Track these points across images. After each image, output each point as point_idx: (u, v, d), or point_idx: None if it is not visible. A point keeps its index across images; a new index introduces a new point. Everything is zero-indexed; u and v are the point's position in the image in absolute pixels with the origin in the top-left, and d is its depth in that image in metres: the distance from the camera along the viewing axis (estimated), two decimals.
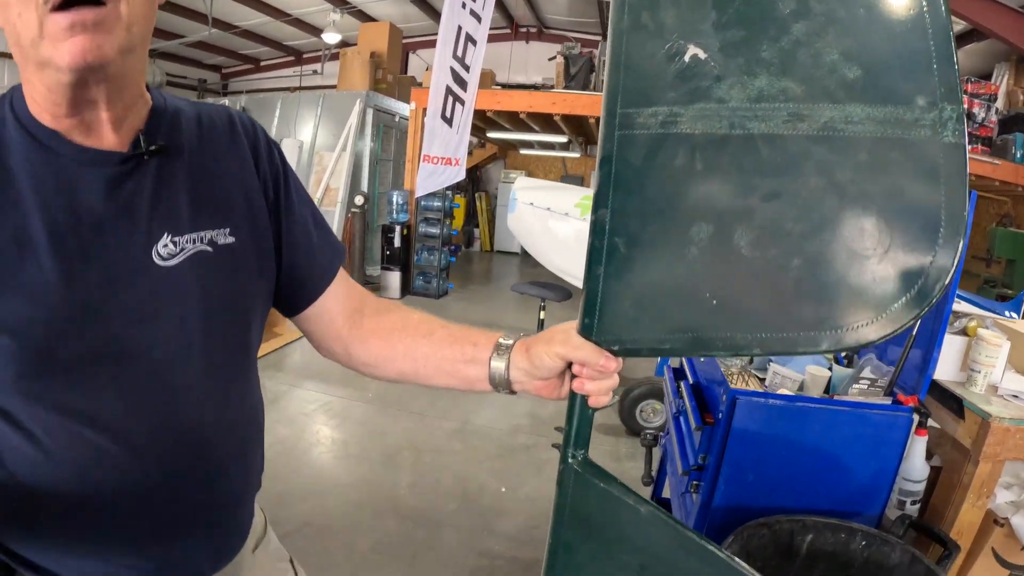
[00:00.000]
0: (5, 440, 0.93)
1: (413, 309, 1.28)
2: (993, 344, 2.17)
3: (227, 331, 1.07)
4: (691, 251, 0.86)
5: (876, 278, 0.78)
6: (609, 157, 0.89)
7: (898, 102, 0.77)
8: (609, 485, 0.98)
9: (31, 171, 0.92)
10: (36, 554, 0.98)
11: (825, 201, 0.80)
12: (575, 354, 0.98)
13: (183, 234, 1.00)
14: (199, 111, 1.12)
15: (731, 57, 0.83)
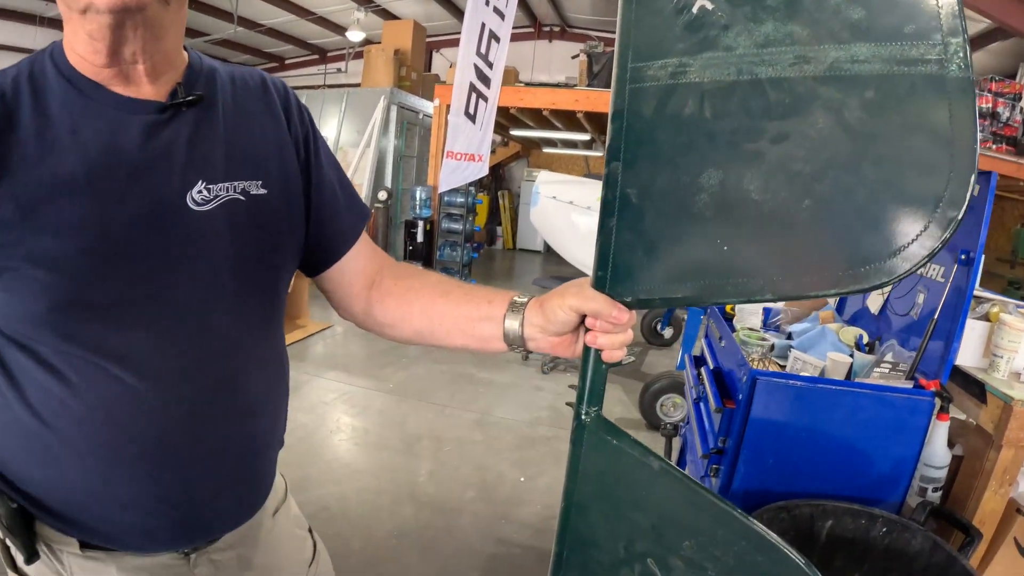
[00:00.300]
0: (31, 377, 0.95)
1: (431, 271, 1.30)
2: (1016, 329, 2.14)
3: (257, 279, 1.10)
4: (702, 198, 0.86)
5: (888, 216, 0.78)
6: (621, 111, 0.90)
7: (903, 39, 0.76)
8: (622, 441, 0.98)
9: (70, 117, 0.94)
10: (57, 500, 1.00)
11: (834, 140, 0.79)
12: (588, 306, 0.98)
13: (217, 182, 1.02)
14: (232, 71, 1.15)
15: (737, 6, 0.83)
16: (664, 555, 0.95)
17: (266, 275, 1.12)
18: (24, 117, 0.93)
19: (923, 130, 0.76)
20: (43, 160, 0.92)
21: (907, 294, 2.46)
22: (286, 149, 1.15)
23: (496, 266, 14.65)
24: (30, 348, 0.95)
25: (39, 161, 0.92)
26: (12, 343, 0.96)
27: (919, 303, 2.36)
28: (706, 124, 0.85)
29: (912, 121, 0.76)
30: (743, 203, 0.84)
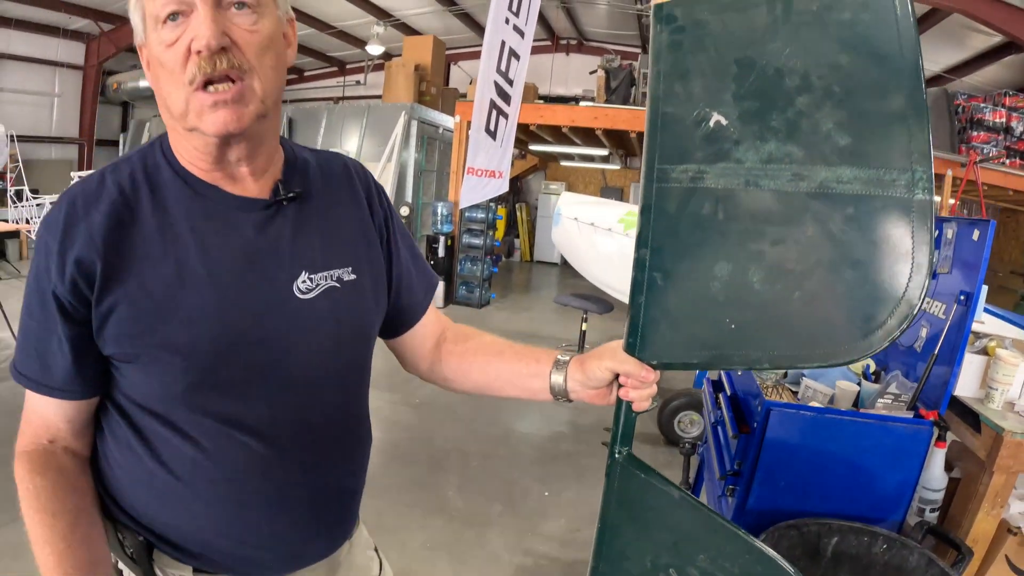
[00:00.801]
0: (166, 443, 1.12)
1: (484, 332, 1.50)
2: (1010, 364, 2.30)
3: (352, 352, 1.28)
4: (715, 285, 1.06)
5: (860, 309, 0.98)
6: (649, 206, 1.09)
7: (880, 166, 0.97)
8: (649, 475, 1.18)
9: (187, 213, 1.10)
10: (182, 536, 1.17)
11: (820, 246, 1.00)
12: (622, 367, 1.18)
13: (317, 272, 1.19)
14: (319, 159, 1.31)
15: (747, 124, 1.03)
16: (683, 566, 1.15)
17: (360, 348, 1.30)
18: (146, 213, 1.08)
19: (891, 242, 0.96)
20: (167, 254, 1.07)
21: (912, 327, 2.61)
22: (370, 234, 1.32)
23: (514, 278, 14.78)
24: (164, 418, 1.11)
25: (164, 255, 1.07)
26: (147, 413, 1.11)
27: (922, 336, 2.52)
28: (719, 224, 1.05)
29: (883, 234, 0.97)
30: (748, 291, 1.04)
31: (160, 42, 1.02)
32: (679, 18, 1.08)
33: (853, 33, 0.99)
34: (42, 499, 1.09)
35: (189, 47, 1.00)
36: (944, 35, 11.26)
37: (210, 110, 1.02)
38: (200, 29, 0.99)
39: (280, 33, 1.12)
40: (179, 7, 1.00)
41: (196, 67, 1.00)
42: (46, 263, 1.05)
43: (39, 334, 1.09)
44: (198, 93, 1.02)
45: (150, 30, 1.04)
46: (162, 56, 1.03)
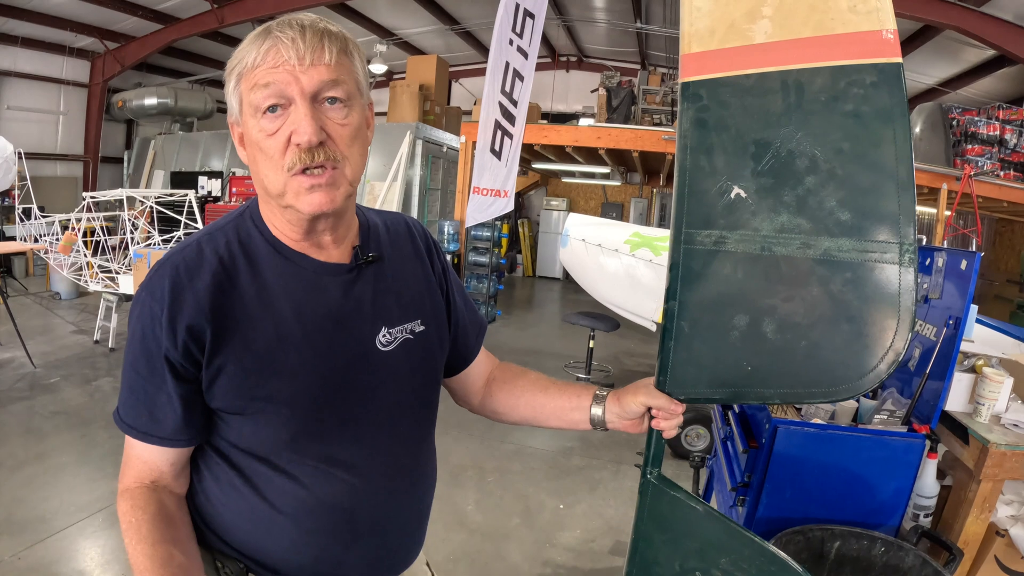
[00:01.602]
0: (269, 482, 1.26)
1: (527, 369, 1.69)
2: (995, 381, 2.48)
3: (426, 394, 1.45)
4: (733, 334, 1.26)
5: (853, 357, 1.20)
6: (677, 264, 1.28)
7: (874, 238, 1.18)
8: (677, 492, 1.39)
9: (281, 279, 1.24)
10: (279, 562, 1.31)
11: (823, 303, 1.21)
12: (654, 402, 1.36)
13: (394, 327, 1.35)
14: (384, 220, 1.47)
15: (763, 198, 1.23)
16: (708, 569, 1.35)
17: (431, 389, 1.47)
18: (244, 279, 1.21)
19: (881, 302, 1.18)
20: (266, 317, 1.21)
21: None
22: (432, 287, 1.48)
23: (518, 294, 14.84)
24: (267, 460, 1.25)
25: (263, 318, 1.21)
26: (250, 456, 1.25)
27: (915, 356, 2.68)
28: (738, 282, 1.25)
29: (875, 294, 1.18)
30: (762, 340, 1.24)
31: (260, 130, 1.15)
32: (704, 98, 1.26)
33: (855, 123, 1.18)
34: (143, 531, 1.18)
35: (289, 138, 1.13)
36: (938, 50, 11.43)
37: (307, 192, 1.16)
38: (301, 125, 1.11)
39: (365, 122, 1.25)
40: (279, 101, 1.13)
41: (296, 158, 1.13)
42: (151, 326, 1.17)
43: (147, 389, 1.20)
44: (296, 177, 1.15)
45: (248, 116, 1.16)
46: (262, 143, 1.15)
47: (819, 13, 1.18)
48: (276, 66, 1.12)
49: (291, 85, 1.12)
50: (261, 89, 1.12)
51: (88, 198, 8.43)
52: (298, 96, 1.13)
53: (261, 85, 1.12)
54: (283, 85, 1.12)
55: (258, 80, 1.13)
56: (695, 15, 1.26)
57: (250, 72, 1.14)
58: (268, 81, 1.12)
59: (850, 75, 1.17)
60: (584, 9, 13.98)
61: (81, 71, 14.61)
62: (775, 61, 1.21)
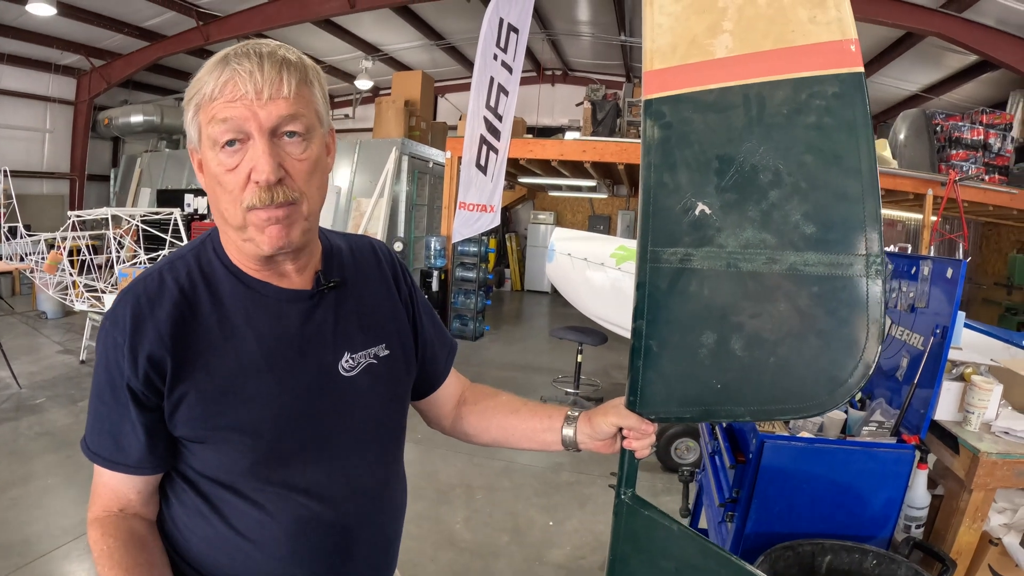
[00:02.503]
0: (234, 508, 1.24)
1: (499, 391, 1.68)
2: (984, 389, 2.46)
3: (391, 418, 1.44)
4: (702, 351, 1.25)
5: (822, 372, 1.18)
6: (644, 283, 1.28)
7: (839, 251, 1.16)
8: (652, 512, 1.38)
9: (242, 307, 1.24)
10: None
11: (790, 319, 1.19)
12: (624, 421, 1.36)
13: (357, 352, 1.34)
14: (349, 243, 1.46)
15: (728, 214, 1.22)
16: None
17: (397, 414, 1.46)
18: (205, 308, 1.22)
19: (848, 315, 1.16)
20: (227, 345, 1.21)
21: (893, 356, 2.77)
22: (398, 310, 1.47)
23: (506, 309, 14.86)
24: (232, 487, 1.23)
25: (224, 346, 1.21)
26: (215, 483, 1.24)
27: (903, 366, 2.67)
28: (705, 299, 1.24)
29: (842, 308, 1.17)
30: (730, 357, 1.23)
31: (219, 164, 1.14)
32: (667, 114, 1.26)
33: (817, 135, 1.17)
34: (115, 557, 1.18)
35: (248, 175, 1.13)
36: (921, 56, 11.52)
37: (263, 229, 1.16)
38: (259, 163, 1.11)
39: (324, 151, 1.25)
40: (236, 135, 1.12)
41: (256, 197, 1.13)
42: (115, 356, 1.17)
43: (112, 418, 1.20)
44: (253, 213, 1.15)
45: (206, 148, 1.15)
46: (221, 177, 1.14)
47: (779, 26, 1.17)
48: (234, 100, 1.11)
49: (249, 121, 1.11)
50: (219, 124, 1.12)
51: (73, 217, 8.43)
52: (256, 132, 1.12)
53: (219, 120, 1.11)
54: (241, 121, 1.11)
55: (216, 114, 1.12)
56: (657, 32, 1.26)
57: (208, 104, 1.12)
58: (226, 116, 1.11)
59: (811, 87, 1.17)
60: (569, 23, 14.02)
61: (67, 88, 14.57)
62: (736, 75, 1.20)
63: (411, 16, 13.23)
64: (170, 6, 11.70)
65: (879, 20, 9.68)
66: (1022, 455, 2.33)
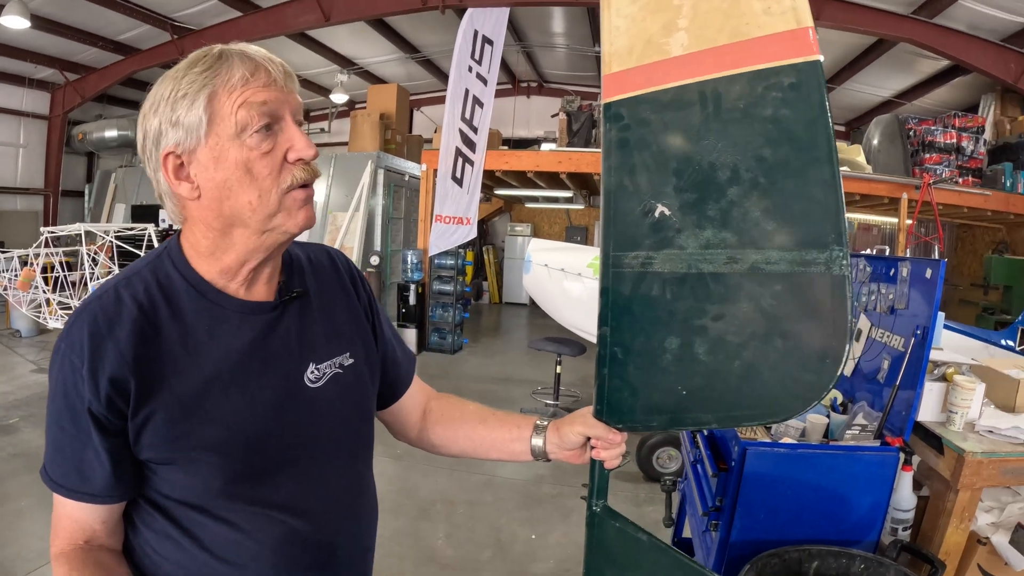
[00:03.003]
0: (206, 530, 1.20)
1: (466, 400, 1.65)
2: (967, 388, 2.45)
3: (359, 427, 1.41)
4: (666, 357, 1.22)
5: (788, 374, 1.15)
6: (607, 289, 1.25)
7: (802, 247, 1.13)
8: (623, 524, 1.36)
9: (205, 321, 1.19)
10: None
11: (754, 320, 1.16)
12: (592, 431, 1.35)
13: (322, 362, 1.31)
14: (307, 253, 1.44)
15: (687, 214, 1.19)
16: None
17: (365, 423, 1.43)
18: (166, 325, 1.17)
19: (813, 313, 1.13)
20: (192, 362, 1.16)
21: (874, 359, 2.76)
22: (359, 318, 1.45)
23: (485, 322, 14.85)
24: (203, 508, 1.19)
25: (188, 363, 1.16)
26: (185, 506, 1.19)
27: (884, 368, 2.65)
28: (667, 303, 1.21)
29: (806, 307, 1.13)
30: (695, 362, 1.20)
31: (252, 148, 1.12)
32: (625, 117, 1.23)
33: (775, 128, 1.14)
34: None
35: (285, 155, 1.14)
36: (893, 62, 11.65)
37: (299, 208, 1.17)
38: (300, 141, 1.15)
39: None
40: (272, 119, 1.13)
41: (304, 172, 1.16)
42: (73, 379, 1.12)
43: (73, 445, 1.15)
44: (292, 193, 1.16)
45: (225, 137, 1.12)
46: (254, 163, 1.13)
47: (734, 19, 1.14)
48: (267, 85, 1.13)
49: (284, 105, 1.15)
50: (256, 107, 1.11)
51: (46, 233, 8.33)
52: (289, 115, 1.16)
53: (256, 103, 1.11)
54: (277, 104, 1.13)
55: (250, 98, 1.11)
56: (614, 34, 1.24)
57: (239, 89, 1.11)
58: (264, 99, 1.12)
59: (767, 78, 1.13)
60: (543, 35, 14.06)
61: (41, 103, 14.45)
62: (692, 73, 1.18)
63: (386, 29, 13.27)
64: (145, 20, 11.68)
65: (852, 27, 9.79)
66: (1007, 453, 2.32)
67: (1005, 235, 12.35)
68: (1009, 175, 10.03)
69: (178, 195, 1.17)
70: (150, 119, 1.15)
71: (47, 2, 10.63)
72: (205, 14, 11.90)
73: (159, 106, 1.14)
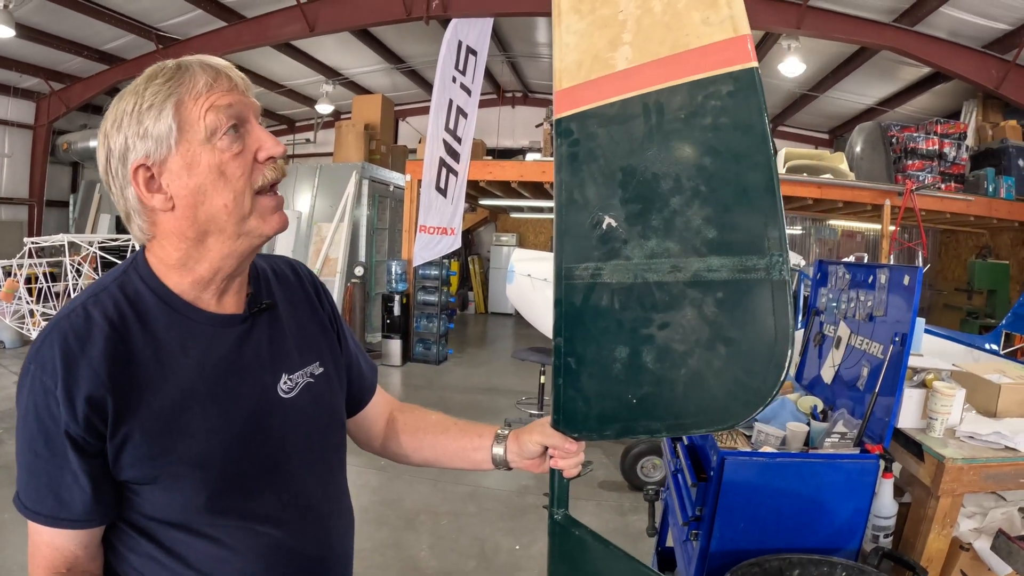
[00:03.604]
0: (190, 548, 1.18)
1: (430, 410, 1.68)
2: (946, 394, 2.44)
3: (332, 435, 1.42)
4: (616, 366, 1.24)
5: (734, 381, 1.17)
6: (560, 300, 1.28)
7: (742, 253, 1.15)
8: (583, 533, 1.40)
9: (177, 335, 1.19)
10: None
11: (698, 327, 1.18)
12: (548, 440, 1.38)
13: (294, 372, 1.33)
14: (270, 265, 1.45)
15: (633, 225, 1.22)
16: None
17: (337, 430, 1.45)
18: (138, 342, 1.15)
19: (756, 318, 1.15)
20: (166, 377, 1.15)
21: (854, 367, 2.76)
22: (325, 327, 1.46)
23: (470, 332, 14.87)
24: (186, 527, 1.18)
25: (164, 379, 1.15)
26: (167, 525, 1.18)
27: (863, 375, 2.65)
28: (616, 313, 1.24)
29: (748, 312, 1.16)
30: (643, 370, 1.22)
31: (223, 151, 1.14)
32: (575, 131, 1.26)
33: (715, 136, 1.17)
34: None
35: (255, 156, 1.17)
36: (875, 70, 11.72)
37: (271, 213, 1.20)
38: (267, 140, 1.18)
39: None
40: (238, 121, 1.15)
41: (274, 172, 1.19)
42: (46, 402, 1.09)
43: (49, 470, 1.12)
44: (260, 197, 1.18)
45: (197, 142, 1.13)
46: (226, 165, 1.14)
47: (675, 31, 1.17)
48: (231, 90, 1.16)
49: (247, 108, 1.17)
50: (222, 110, 1.13)
51: (30, 244, 8.28)
52: (253, 117, 1.19)
53: (222, 106, 1.13)
54: (241, 107, 1.16)
55: (215, 102, 1.13)
56: (564, 51, 1.28)
57: (204, 95, 1.13)
58: (229, 102, 1.14)
59: (706, 88, 1.16)
60: (528, 45, 14.09)
61: (26, 112, 14.33)
62: (636, 85, 1.21)
63: (371, 40, 13.27)
64: (130, 29, 11.63)
65: (833, 36, 9.85)
66: (988, 459, 2.31)
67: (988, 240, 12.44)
68: (991, 180, 10.10)
69: (150, 208, 1.16)
70: (114, 137, 1.14)
71: (32, 11, 10.58)
72: (190, 24, 11.86)
73: (122, 121, 1.13)
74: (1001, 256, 11.76)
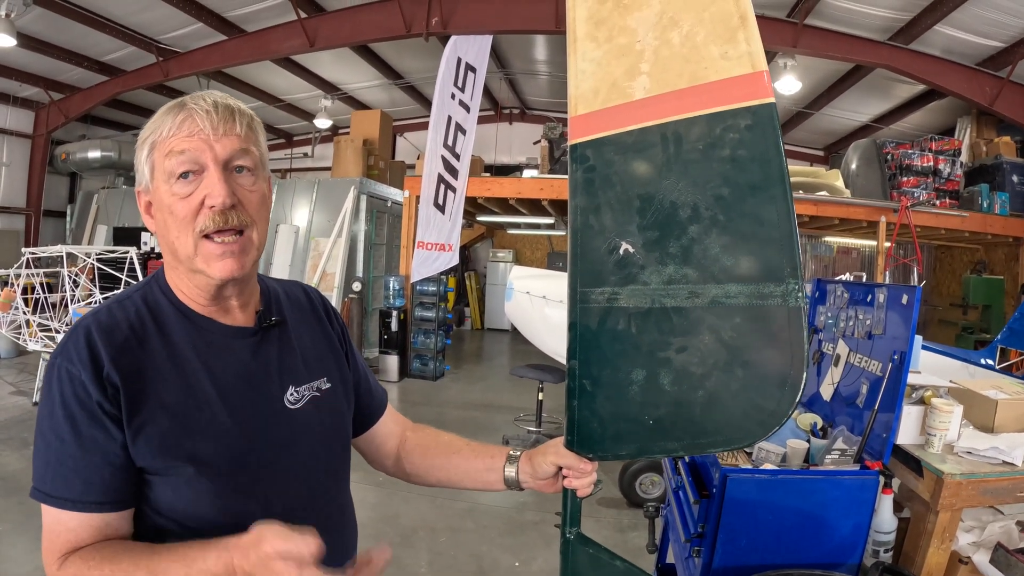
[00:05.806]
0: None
1: (441, 431, 1.71)
2: (945, 411, 2.48)
3: (336, 448, 1.46)
4: (632, 388, 1.27)
5: (750, 402, 1.21)
6: (575, 323, 1.31)
7: (759, 280, 1.19)
8: (596, 551, 1.42)
9: (191, 343, 1.27)
10: None
11: (716, 351, 1.22)
12: (563, 461, 1.40)
13: (301, 385, 1.38)
14: (283, 287, 1.53)
15: (650, 251, 1.25)
16: None
17: (342, 443, 1.50)
18: (154, 343, 1.24)
19: (771, 343, 1.19)
20: (179, 378, 1.23)
21: (853, 384, 2.79)
22: (334, 347, 1.53)
23: (467, 348, 14.82)
24: (188, 526, 1.21)
25: (176, 379, 1.22)
26: (172, 521, 1.22)
27: (863, 393, 2.69)
28: (633, 337, 1.27)
29: (765, 337, 1.19)
30: (659, 392, 1.25)
31: (173, 194, 1.20)
32: (591, 158, 1.30)
33: (733, 168, 1.20)
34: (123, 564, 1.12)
35: (202, 202, 1.20)
36: (870, 88, 11.81)
37: (217, 258, 1.22)
38: (215, 188, 1.19)
39: (269, 191, 1.33)
40: (192, 167, 1.20)
41: (210, 220, 1.20)
42: (72, 389, 1.16)
43: (75, 454, 1.15)
44: (206, 242, 1.21)
45: (160, 182, 1.22)
46: (174, 206, 1.21)
47: (693, 64, 1.21)
48: (191, 135, 1.19)
49: (205, 152, 1.19)
50: (176, 156, 1.19)
51: (27, 254, 8.29)
52: (211, 163, 1.20)
53: (176, 152, 1.19)
54: (197, 152, 1.19)
55: (173, 147, 1.19)
56: (580, 77, 1.31)
57: (165, 141, 1.20)
58: (183, 148, 1.19)
59: (725, 120, 1.20)
60: (526, 62, 14.17)
61: (25, 121, 14.40)
62: (654, 115, 1.24)
63: (370, 55, 13.33)
64: (131, 41, 11.69)
65: (829, 55, 9.93)
66: (986, 474, 2.34)
67: (983, 255, 12.45)
68: (986, 196, 10.11)
69: (152, 229, 1.29)
70: None
71: (33, 20, 10.63)
72: (190, 37, 11.92)
73: (135, 150, 1.28)
74: (996, 271, 11.77)
